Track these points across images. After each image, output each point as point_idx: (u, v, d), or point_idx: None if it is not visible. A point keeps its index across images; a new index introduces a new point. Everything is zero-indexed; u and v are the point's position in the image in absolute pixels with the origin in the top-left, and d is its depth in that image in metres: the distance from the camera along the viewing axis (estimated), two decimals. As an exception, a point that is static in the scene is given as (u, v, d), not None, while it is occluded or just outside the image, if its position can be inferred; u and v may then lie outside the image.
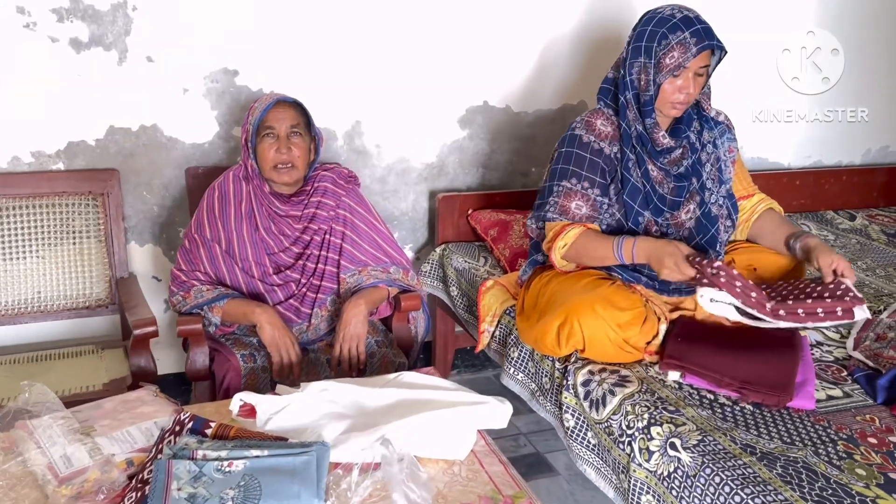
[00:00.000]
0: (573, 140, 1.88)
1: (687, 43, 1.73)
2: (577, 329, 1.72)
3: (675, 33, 1.74)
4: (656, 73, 1.77)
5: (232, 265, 1.99)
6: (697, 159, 1.90)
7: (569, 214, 1.85)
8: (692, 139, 1.90)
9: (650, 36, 1.78)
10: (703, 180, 1.90)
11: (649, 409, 1.56)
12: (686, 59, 1.73)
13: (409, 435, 1.41)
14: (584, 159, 1.86)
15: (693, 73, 1.77)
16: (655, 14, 1.81)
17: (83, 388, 1.94)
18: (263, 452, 1.33)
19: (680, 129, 1.88)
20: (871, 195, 3.42)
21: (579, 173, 1.86)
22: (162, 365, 2.49)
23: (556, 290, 1.85)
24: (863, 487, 1.32)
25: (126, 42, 2.22)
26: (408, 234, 2.78)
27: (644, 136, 1.85)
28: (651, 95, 1.79)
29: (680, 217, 1.89)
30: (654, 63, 1.77)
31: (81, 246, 2.25)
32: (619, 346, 1.73)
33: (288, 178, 1.98)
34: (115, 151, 2.29)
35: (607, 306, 1.72)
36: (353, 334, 1.93)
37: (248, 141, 1.96)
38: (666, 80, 1.77)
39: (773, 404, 1.60)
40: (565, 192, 1.86)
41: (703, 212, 1.89)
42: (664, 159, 1.86)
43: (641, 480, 1.52)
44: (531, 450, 2.53)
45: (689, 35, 1.73)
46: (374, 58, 2.52)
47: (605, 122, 1.89)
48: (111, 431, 1.44)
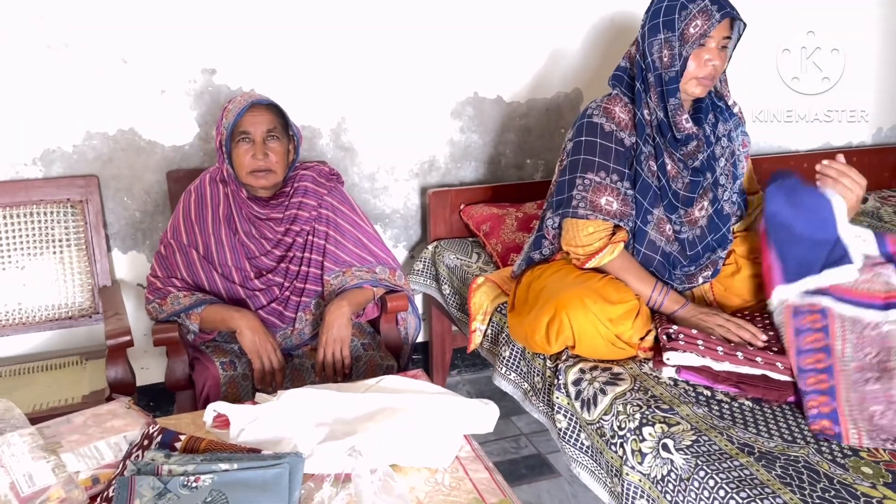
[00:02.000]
0: (593, 129, 1.77)
1: (709, 10, 1.65)
2: (567, 324, 1.64)
3: (696, 1, 1.66)
4: (681, 45, 1.68)
5: (210, 271, 1.93)
6: (712, 153, 1.82)
7: (601, 210, 1.73)
8: (707, 131, 1.81)
9: (668, 9, 1.69)
10: (716, 175, 1.83)
11: (641, 409, 1.48)
12: (711, 25, 1.65)
13: (388, 443, 1.35)
14: (610, 150, 1.75)
15: (717, 44, 1.70)
16: None
17: (63, 402, 1.88)
18: (233, 466, 1.27)
19: (699, 118, 1.80)
20: (883, 175, 3.32)
21: (607, 165, 1.74)
22: (152, 374, 2.46)
23: (546, 284, 1.77)
24: (869, 487, 1.23)
25: (100, 44, 2.17)
26: (400, 231, 2.71)
27: (664, 124, 1.74)
28: (677, 71, 1.69)
29: (694, 214, 1.81)
30: (677, 35, 1.68)
31: (62, 255, 2.20)
32: (610, 341, 1.65)
33: (266, 183, 1.91)
34: (93, 157, 2.23)
35: (598, 300, 1.65)
36: (337, 337, 1.86)
37: (222, 145, 1.89)
38: (692, 52, 1.68)
39: (774, 399, 1.51)
40: (594, 187, 1.74)
41: (716, 209, 1.82)
42: (682, 151, 1.77)
43: (635, 484, 1.44)
44: (532, 451, 2.45)
45: (710, 2, 1.66)
46: (357, 51, 2.45)
47: (623, 109, 1.79)
48: (78, 447, 1.38)
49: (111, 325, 1.88)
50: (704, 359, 1.57)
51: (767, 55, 3.07)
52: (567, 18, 2.67)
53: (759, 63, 3.05)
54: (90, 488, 1.30)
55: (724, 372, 1.56)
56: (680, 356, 1.58)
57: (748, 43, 2.96)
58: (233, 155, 1.88)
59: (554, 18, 2.66)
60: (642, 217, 1.77)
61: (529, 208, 2.53)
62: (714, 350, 1.58)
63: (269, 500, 1.21)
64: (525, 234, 2.35)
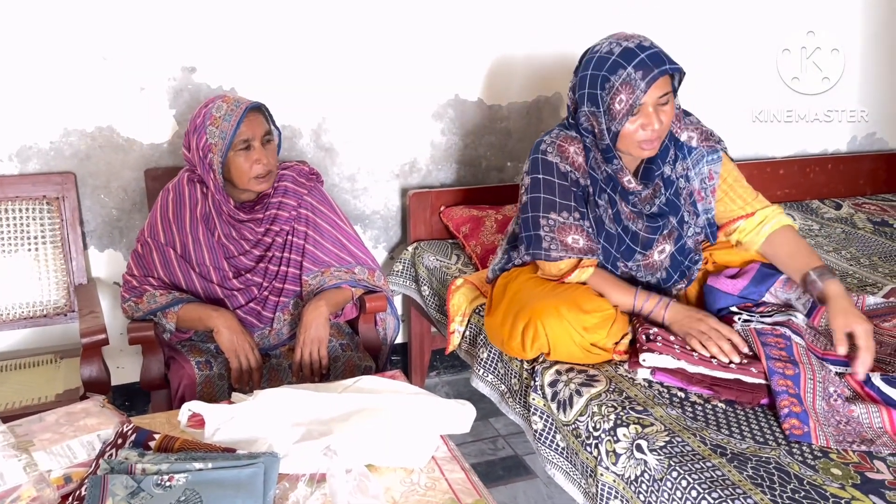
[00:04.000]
0: (549, 168, 1.70)
1: (633, 80, 1.53)
2: (542, 332, 1.64)
3: (617, 73, 1.54)
4: (609, 120, 1.59)
5: (188, 270, 1.92)
6: (675, 192, 1.74)
7: (570, 250, 1.69)
8: (667, 173, 1.73)
9: (591, 81, 1.59)
10: (680, 214, 1.76)
11: (616, 410, 1.49)
12: (636, 98, 1.53)
13: (364, 443, 1.35)
14: (568, 190, 1.70)
15: (653, 106, 1.57)
16: (594, 54, 1.62)
17: (36, 400, 1.86)
18: (207, 465, 1.26)
19: (651, 168, 1.71)
20: (857, 183, 3.37)
21: (568, 205, 1.69)
22: (128, 374, 2.44)
23: (521, 289, 1.77)
24: (838, 489, 1.25)
25: (79, 41, 2.15)
26: (380, 233, 2.71)
27: (613, 178, 1.69)
28: (608, 143, 1.62)
29: (653, 257, 1.77)
30: (602, 111, 1.59)
31: (38, 252, 2.18)
32: (585, 348, 1.65)
33: (266, 186, 1.90)
34: (70, 154, 2.21)
35: (573, 308, 1.64)
36: (315, 337, 1.85)
37: (211, 154, 1.81)
38: (622, 127, 1.58)
39: (748, 402, 1.53)
40: (559, 227, 1.69)
41: (678, 247, 1.78)
42: (635, 198, 1.71)
43: (609, 484, 1.46)
44: (509, 452, 2.46)
45: (633, 70, 1.52)
46: (339, 51, 2.44)
47: (578, 150, 1.72)
48: (51, 445, 1.37)
49: (86, 324, 1.86)
50: (680, 361, 1.58)
51: (767, 55, 3.10)
52: (545, 23, 2.68)
53: (759, 63, 3.09)
54: (62, 487, 1.29)
55: (698, 374, 1.57)
56: (656, 358, 1.60)
57: (748, 43, 3.02)
58: (231, 164, 1.83)
59: (532, 24, 2.67)
60: (612, 262, 1.77)
61: (509, 211, 2.54)
62: (689, 354, 1.59)
63: (243, 500, 1.20)
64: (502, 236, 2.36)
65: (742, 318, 1.72)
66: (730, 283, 1.75)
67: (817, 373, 1.54)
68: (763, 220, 1.77)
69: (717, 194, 1.79)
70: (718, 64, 3.01)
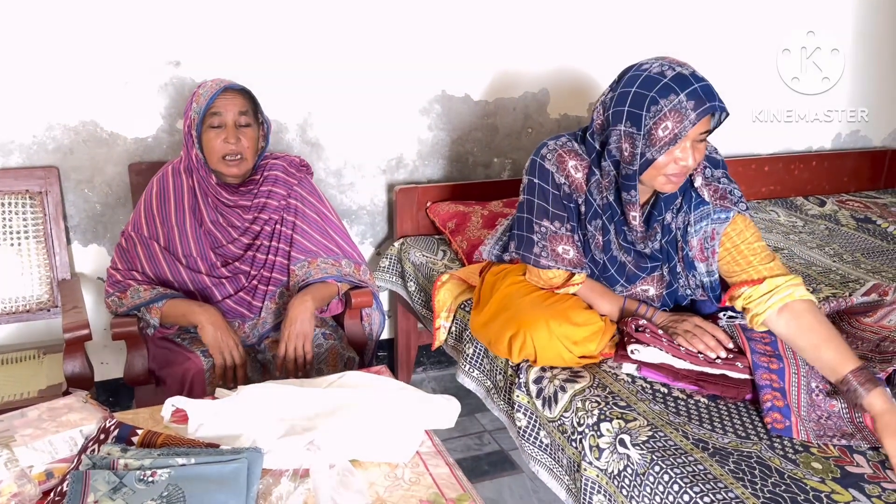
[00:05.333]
0: (545, 175, 1.63)
1: (683, 109, 1.41)
2: (530, 343, 1.63)
3: (668, 97, 1.42)
4: (646, 146, 1.46)
5: (174, 262, 1.91)
6: (672, 241, 1.66)
7: (560, 260, 1.65)
8: (668, 220, 1.64)
9: (635, 100, 1.46)
10: (673, 263, 1.68)
11: (599, 405, 1.50)
12: (683, 128, 1.42)
13: (348, 438, 1.35)
14: (560, 202, 1.63)
15: (692, 141, 1.47)
16: (641, 72, 1.48)
17: (18, 396, 1.85)
18: (190, 460, 1.26)
19: (659, 210, 1.62)
20: (841, 180, 3.40)
21: (561, 216, 1.64)
22: (112, 370, 2.43)
23: (510, 293, 1.75)
24: (818, 482, 1.26)
25: (62, 34, 2.13)
26: (367, 228, 2.70)
27: (613, 207, 1.62)
28: (635, 170, 1.50)
29: (635, 290, 1.73)
30: (642, 134, 1.46)
31: (20, 247, 2.16)
32: (572, 361, 1.65)
33: (237, 171, 1.89)
34: (53, 148, 2.20)
35: (563, 322, 1.61)
36: (300, 332, 1.85)
37: (191, 130, 1.86)
38: (660, 155, 1.46)
39: (732, 397, 1.54)
40: (551, 235, 1.64)
41: (670, 292, 1.73)
42: (632, 235, 1.65)
43: (592, 479, 1.46)
44: (495, 447, 2.47)
45: (686, 98, 1.41)
46: (325, 46, 2.44)
47: (578, 165, 1.62)
48: (32, 441, 1.36)
49: (69, 319, 1.85)
50: (667, 354, 1.59)
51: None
52: (533, 20, 2.68)
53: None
54: (44, 482, 1.28)
55: (684, 369, 1.58)
56: (644, 349, 1.60)
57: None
58: (203, 140, 1.86)
59: (519, 20, 2.67)
60: None
61: (495, 206, 2.54)
62: (677, 349, 1.60)
63: (226, 495, 1.20)
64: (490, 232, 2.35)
65: (727, 314, 1.73)
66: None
67: (801, 368, 1.55)
68: (773, 290, 1.56)
69: (717, 255, 1.65)
70: (718, 64, 3.03)
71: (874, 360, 1.64)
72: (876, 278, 2.26)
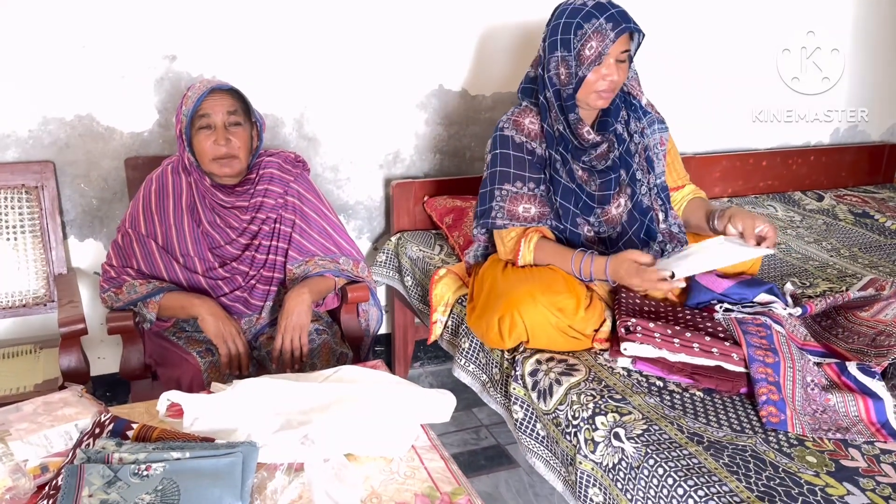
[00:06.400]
0: (505, 141, 1.84)
1: (604, 29, 1.67)
2: (519, 320, 1.67)
3: (591, 21, 1.68)
4: (577, 65, 1.71)
5: (170, 261, 1.90)
6: (626, 149, 1.84)
7: (518, 218, 1.81)
8: (619, 130, 1.84)
9: (565, 28, 1.72)
10: (632, 171, 1.85)
11: (595, 399, 1.50)
12: (605, 45, 1.67)
13: (343, 432, 1.35)
14: (523, 160, 1.82)
15: (615, 59, 1.71)
16: (567, 6, 1.75)
17: (14, 390, 1.85)
18: (185, 454, 1.26)
19: (607, 121, 1.83)
20: (839, 175, 3.40)
21: (523, 175, 1.82)
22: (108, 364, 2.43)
23: (497, 279, 1.79)
24: (812, 476, 1.27)
25: (58, 28, 2.12)
26: (364, 223, 2.70)
27: (566, 136, 1.80)
28: (573, 89, 1.74)
29: (611, 212, 1.84)
30: (573, 55, 1.71)
31: (16, 242, 2.15)
32: (563, 331, 1.67)
33: (230, 171, 1.88)
34: (49, 143, 2.19)
35: (546, 292, 1.68)
36: (296, 324, 1.84)
37: (182, 133, 1.84)
38: (589, 72, 1.71)
39: (727, 390, 1.54)
40: (511, 197, 1.81)
41: (635, 203, 1.84)
42: (588, 156, 1.81)
43: (588, 472, 1.46)
44: (492, 442, 2.47)
45: (605, 21, 1.67)
46: (322, 40, 2.43)
47: (533, 119, 1.85)
48: (27, 435, 1.36)
49: (65, 313, 1.85)
50: (661, 351, 1.59)
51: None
52: (528, 14, 2.68)
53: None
54: (38, 477, 1.28)
55: (679, 363, 1.58)
56: (637, 347, 1.60)
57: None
58: (194, 142, 1.84)
59: (515, 15, 2.66)
60: (571, 220, 1.82)
61: (493, 201, 2.54)
62: (671, 342, 1.60)
63: (221, 489, 1.20)
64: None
65: (724, 307, 1.73)
66: (715, 282, 1.78)
67: (797, 362, 1.55)
68: (689, 193, 1.99)
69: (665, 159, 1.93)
70: (718, 64, 3.03)
71: (870, 353, 1.64)
72: (873, 273, 2.26)
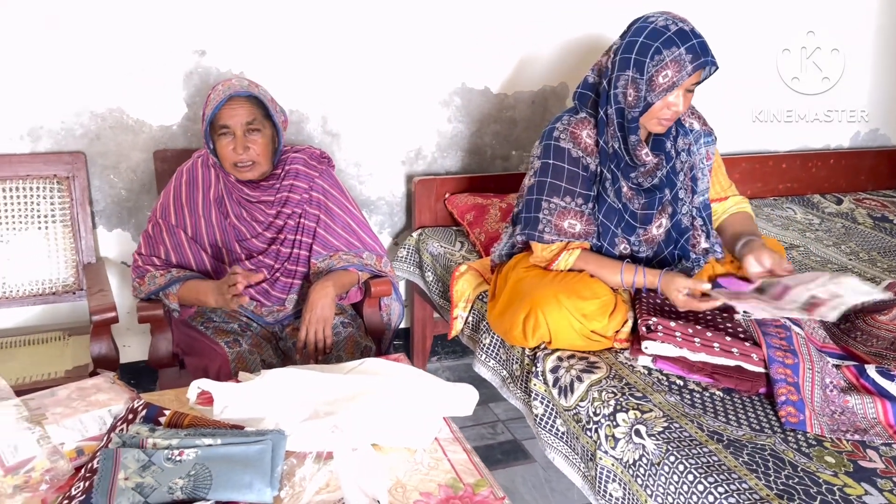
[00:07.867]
0: (560, 154, 1.77)
1: (682, 60, 1.60)
2: (542, 321, 1.68)
3: (670, 48, 1.60)
4: (648, 90, 1.64)
5: (199, 251, 1.95)
6: (672, 168, 1.81)
7: (563, 233, 1.77)
8: (668, 147, 1.81)
9: (641, 48, 1.63)
10: (676, 190, 1.82)
11: (616, 396, 1.53)
12: (681, 77, 1.61)
13: (369, 423, 1.38)
14: (577, 176, 1.77)
15: (683, 90, 1.66)
16: (647, 24, 1.66)
17: (45, 376, 1.90)
18: (216, 441, 1.29)
19: (661, 141, 1.79)
20: (858, 178, 3.39)
21: (572, 190, 1.77)
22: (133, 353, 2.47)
23: (522, 278, 1.81)
24: (831, 476, 1.29)
25: (91, 22, 2.16)
26: (385, 218, 2.73)
27: (620, 154, 1.75)
28: (639, 112, 1.68)
29: (651, 231, 1.83)
30: (645, 80, 1.64)
31: (47, 231, 2.20)
32: (585, 336, 1.69)
33: (251, 175, 1.90)
34: (80, 134, 2.24)
35: (571, 296, 1.68)
36: (320, 317, 1.88)
37: (206, 133, 1.87)
38: (658, 100, 1.65)
39: (746, 390, 1.56)
40: (559, 211, 1.77)
41: (674, 223, 1.84)
42: (636, 173, 1.77)
43: (608, 468, 1.49)
44: (508, 437, 2.50)
45: (685, 51, 1.60)
46: (348, 38, 2.46)
47: (591, 132, 1.78)
48: (63, 419, 1.40)
49: (96, 301, 1.89)
50: (682, 350, 1.61)
51: (767, 55, 3.11)
52: (552, 14, 2.69)
53: (759, 63, 3.10)
54: (74, 460, 1.31)
55: (699, 362, 1.60)
56: (658, 346, 1.63)
57: (748, 43, 3.03)
58: (216, 145, 1.86)
59: (539, 14, 2.68)
60: (609, 239, 1.80)
61: (513, 199, 2.56)
62: (691, 342, 1.62)
63: (251, 475, 1.23)
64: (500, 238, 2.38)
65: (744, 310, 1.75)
66: (737, 284, 1.77)
67: (816, 363, 1.57)
68: (733, 205, 1.96)
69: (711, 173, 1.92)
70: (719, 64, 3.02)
71: (889, 357, 1.66)
72: (892, 277, 2.27)
